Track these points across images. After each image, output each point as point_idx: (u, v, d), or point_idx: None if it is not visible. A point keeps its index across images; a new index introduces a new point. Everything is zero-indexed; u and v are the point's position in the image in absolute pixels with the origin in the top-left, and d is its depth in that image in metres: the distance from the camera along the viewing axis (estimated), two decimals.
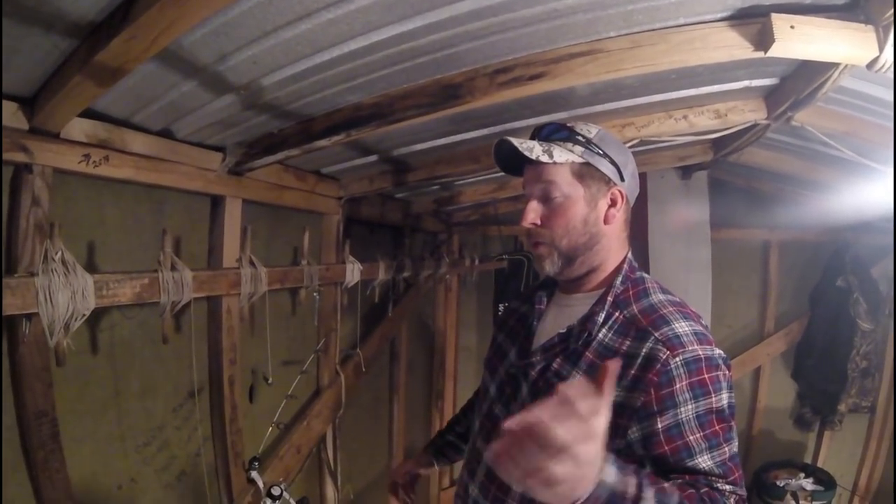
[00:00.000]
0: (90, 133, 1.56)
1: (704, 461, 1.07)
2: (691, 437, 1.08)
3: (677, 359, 1.09)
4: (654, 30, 1.47)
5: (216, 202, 2.10)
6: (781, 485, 3.68)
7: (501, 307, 4.21)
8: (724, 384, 1.11)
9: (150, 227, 1.87)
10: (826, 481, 3.71)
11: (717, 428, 1.09)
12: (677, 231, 3.57)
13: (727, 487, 1.06)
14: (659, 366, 1.09)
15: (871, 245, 3.92)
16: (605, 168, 1.24)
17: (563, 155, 1.22)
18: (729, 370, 1.13)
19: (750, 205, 3.99)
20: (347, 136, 1.75)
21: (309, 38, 1.34)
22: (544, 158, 1.21)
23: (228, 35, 1.30)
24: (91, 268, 1.65)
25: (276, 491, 2.05)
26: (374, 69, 1.53)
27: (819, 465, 4.03)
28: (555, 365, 1.22)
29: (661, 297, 1.23)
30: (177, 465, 2.06)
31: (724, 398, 1.10)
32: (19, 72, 1.31)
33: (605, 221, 1.26)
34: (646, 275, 1.30)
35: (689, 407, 1.08)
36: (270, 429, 2.30)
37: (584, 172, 1.23)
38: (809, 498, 3.57)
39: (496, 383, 1.39)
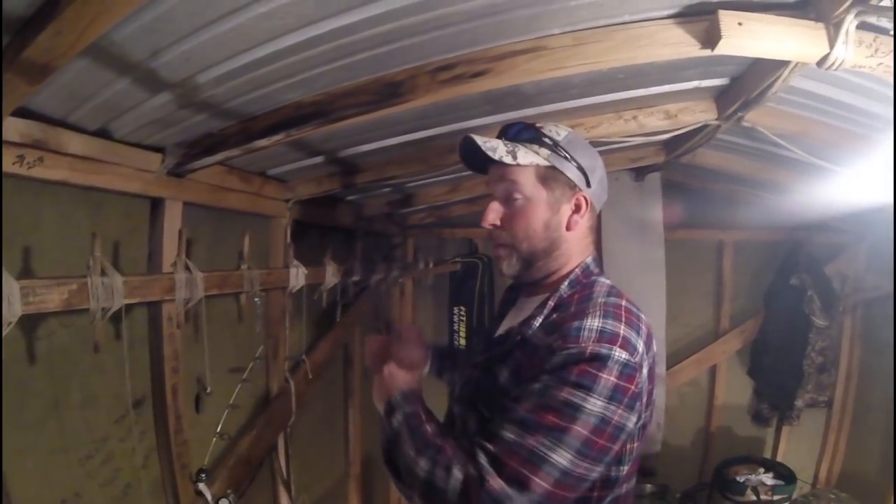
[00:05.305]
0: (25, 133, 1.47)
1: (498, 428, 1.03)
2: (511, 404, 1.06)
3: (563, 352, 1.04)
4: (598, 27, 1.46)
5: (156, 205, 2.02)
6: (742, 480, 3.69)
7: (456, 310, 4.20)
8: (599, 385, 1.00)
9: (87, 230, 1.77)
10: (786, 475, 3.74)
11: (542, 415, 1.00)
12: (631, 232, 3.60)
13: (481, 460, 1.00)
14: (547, 355, 1.07)
15: (824, 244, 4.01)
16: (571, 173, 1.22)
17: (528, 157, 1.20)
18: (626, 380, 1.03)
19: (704, 205, 4.05)
20: (288, 136, 1.70)
21: (243, 32, 1.29)
22: (507, 159, 1.19)
23: (160, 31, 1.25)
24: (27, 273, 1.58)
25: (223, 503, 2.01)
26: (313, 66, 1.49)
27: (778, 459, 4.08)
28: (493, 365, 1.21)
29: (602, 299, 1.16)
30: (122, 478, 1.98)
31: (587, 399, 0.99)
32: None
33: (568, 227, 1.24)
34: (602, 279, 1.25)
35: (536, 385, 1.04)
36: (214, 439, 2.24)
37: (549, 176, 1.21)
38: (770, 492, 3.59)
39: (459, 383, 1.40)
